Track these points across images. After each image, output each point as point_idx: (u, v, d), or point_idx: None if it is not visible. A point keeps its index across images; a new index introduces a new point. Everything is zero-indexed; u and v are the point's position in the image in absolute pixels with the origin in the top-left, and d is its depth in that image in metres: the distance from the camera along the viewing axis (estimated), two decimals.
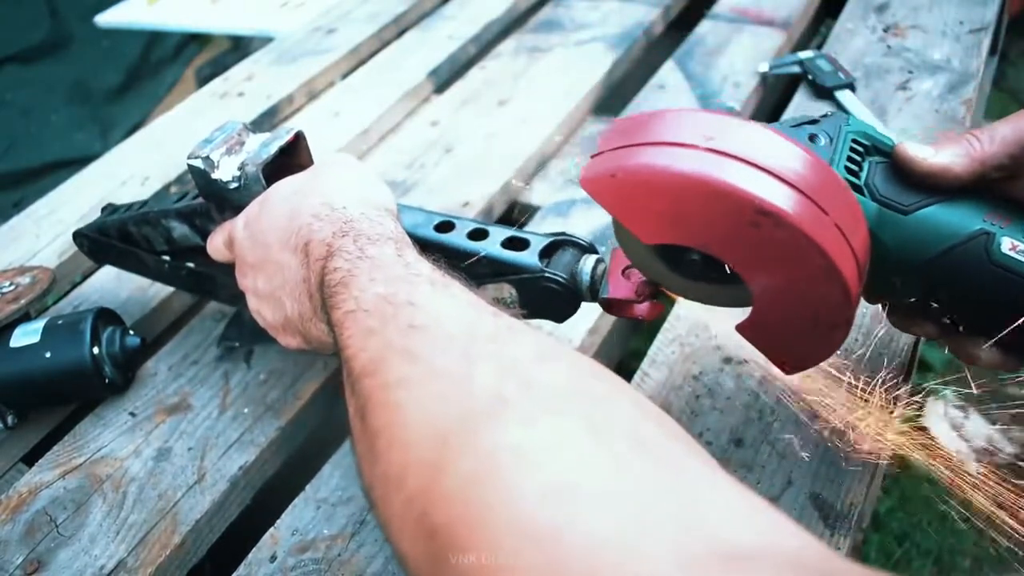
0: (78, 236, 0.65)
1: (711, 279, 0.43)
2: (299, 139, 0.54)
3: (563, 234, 0.50)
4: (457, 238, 0.51)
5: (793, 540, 0.25)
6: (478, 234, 0.51)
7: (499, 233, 0.51)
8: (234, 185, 0.52)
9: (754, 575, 0.23)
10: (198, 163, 0.52)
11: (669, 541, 0.24)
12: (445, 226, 0.52)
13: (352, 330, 0.37)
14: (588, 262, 0.48)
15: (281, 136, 0.53)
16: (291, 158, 0.53)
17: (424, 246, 0.44)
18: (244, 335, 0.65)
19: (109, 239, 0.63)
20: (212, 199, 0.54)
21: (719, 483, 0.28)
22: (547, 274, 0.48)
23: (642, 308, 0.47)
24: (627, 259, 0.46)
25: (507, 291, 0.50)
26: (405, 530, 0.30)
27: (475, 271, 0.49)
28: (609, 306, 0.48)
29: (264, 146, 0.52)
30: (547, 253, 0.49)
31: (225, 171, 0.52)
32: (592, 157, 0.41)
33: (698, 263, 0.42)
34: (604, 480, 0.27)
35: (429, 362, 0.33)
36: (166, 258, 0.62)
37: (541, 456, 0.28)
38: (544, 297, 0.49)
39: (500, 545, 0.26)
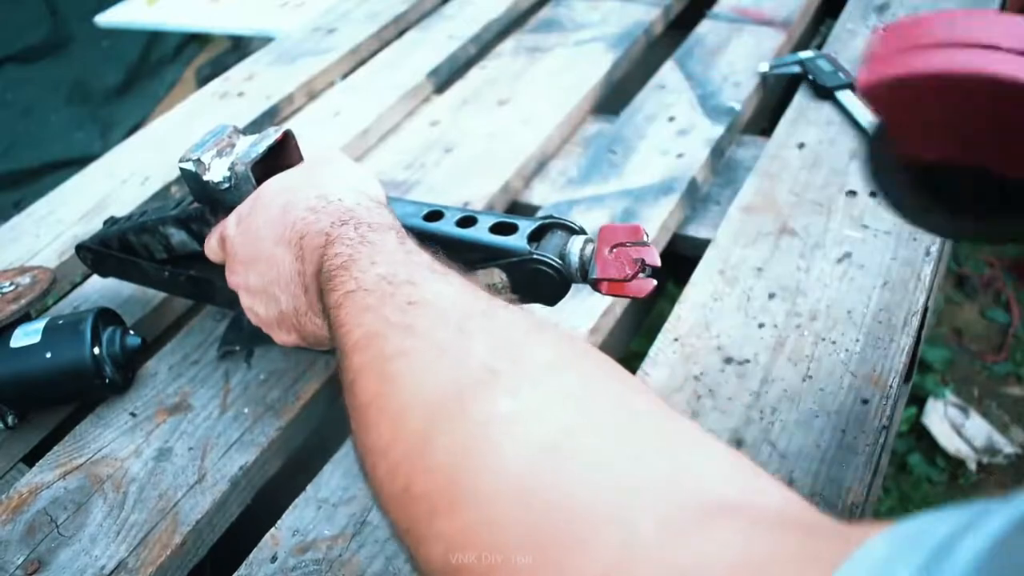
0: (81, 249, 0.66)
1: (977, 211, 0.39)
2: (288, 138, 0.54)
3: (551, 217, 0.51)
4: (446, 226, 0.51)
5: (775, 495, 0.26)
6: (467, 221, 0.51)
7: (487, 219, 0.51)
8: (225, 185, 0.52)
9: (731, 530, 0.23)
10: (189, 166, 0.52)
11: (650, 500, 0.25)
12: (434, 215, 0.52)
13: (350, 308, 0.37)
14: (576, 243, 0.49)
15: (270, 135, 0.53)
16: (281, 157, 0.54)
17: (414, 236, 0.44)
18: (243, 338, 0.65)
19: (111, 250, 0.64)
20: (205, 202, 0.54)
21: (702, 443, 0.28)
22: (536, 256, 0.48)
23: (633, 286, 0.47)
24: (617, 238, 0.46)
25: (497, 276, 0.50)
26: (392, 498, 0.30)
27: (466, 257, 0.50)
28: (600, 285, 0.48)
29: (253, 146, 0.53)
30: (536, 236, 0.50)
31: (216, 172, 0.52)
32: (869, 60, 0.36)
33: (968, 192, 0.38)
34: (588, 443, 0.28)
35: (425, 336, 0.34)
36: (166, 266, 0.62)
37: (527, 422, 0.29)
38: (534, 280, 0.49)
39: (482, 505, 0.27)
